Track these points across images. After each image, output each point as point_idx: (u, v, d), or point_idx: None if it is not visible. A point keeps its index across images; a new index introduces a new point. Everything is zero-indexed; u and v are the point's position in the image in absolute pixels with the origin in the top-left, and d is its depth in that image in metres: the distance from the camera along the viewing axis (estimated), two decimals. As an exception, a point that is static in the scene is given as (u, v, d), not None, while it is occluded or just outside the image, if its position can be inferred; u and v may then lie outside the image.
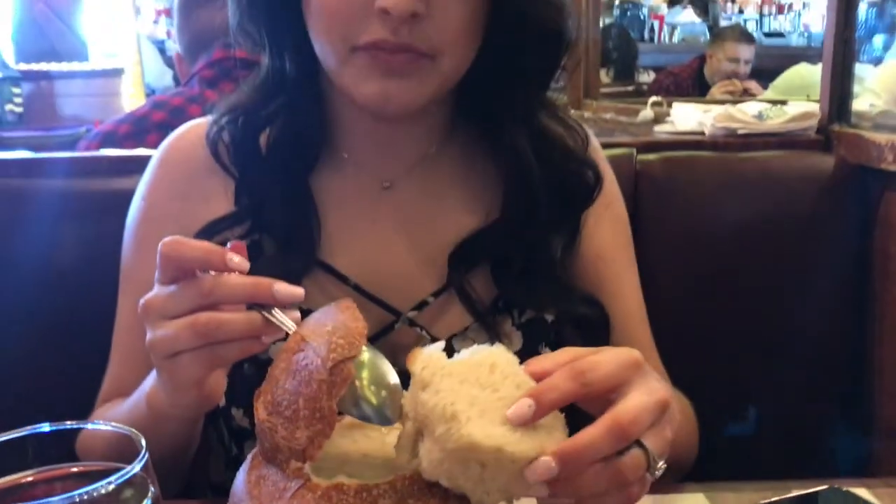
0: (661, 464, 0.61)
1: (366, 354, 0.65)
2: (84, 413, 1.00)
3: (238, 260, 0.67)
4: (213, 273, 0.67)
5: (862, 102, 1.76)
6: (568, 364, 0.61)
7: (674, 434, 0.64)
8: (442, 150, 0.97)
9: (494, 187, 0.96)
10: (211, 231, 0.92)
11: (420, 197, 0.96)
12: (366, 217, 0.95)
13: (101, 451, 0.54)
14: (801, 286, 1.39)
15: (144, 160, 1.04)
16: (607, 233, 1.01)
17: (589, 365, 0.60)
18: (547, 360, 0.63)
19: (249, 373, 0.86)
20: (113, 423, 0.52)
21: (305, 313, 0.69)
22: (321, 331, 0.64)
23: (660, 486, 0.80)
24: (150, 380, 0.79)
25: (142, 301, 0.70)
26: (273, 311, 0.67)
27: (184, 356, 0.68)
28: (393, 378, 0.66)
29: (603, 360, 0.61)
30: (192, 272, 0.68)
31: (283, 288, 0.67)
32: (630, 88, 5.00)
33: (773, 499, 0.79)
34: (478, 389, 0.61)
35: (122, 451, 0.52)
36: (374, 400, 0.65)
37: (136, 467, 0.45)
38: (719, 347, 1.38)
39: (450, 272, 0.93)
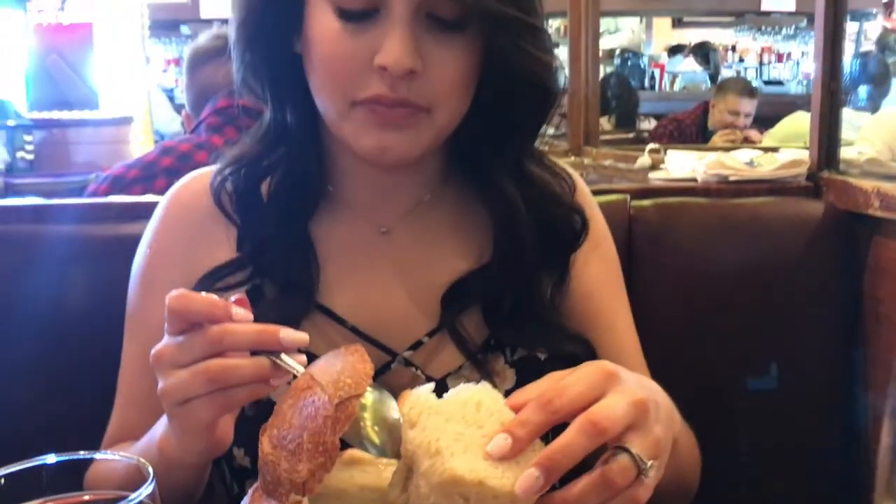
0: (651, 463, 0.64)
1: (371, 395, 0.69)
2: (91, 454, 1.02)
3: (242, 313, 0.71)
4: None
5: (853, 150, 1.80)
6: (538, 395, 0.64)
7: (671, 433, 0.68)
8: (436, 196, 1.01)
9: (486, 232, 0.99)
10: (214, 277, 0.96)
11: (416, 242, 0.99)
12: (363, 261, 0.98)
13: (111, 485, 0.57)
14: (793, 328, 1.41)
15: (151, 206, 1.07)
16: (596, 271, 1.04)
17: (556, 392, 0.64)
18: (527, 390, 0.66)
19: (250, 414, 0.88)
20: (120, 453, 0.55)
21: (310, 357, 0.72)
22: (330, 370, 0.67)
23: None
24: (160, 428, 0.81)
25: (153, 351, 0.73)
26: (281, 356, 0.70)
27: (195, 402, 0.70)
28: (397, 416, 0.69)
29: (571, 382, 0.65)
30: (200, 323, 0.71)
31: (288, 334, 0.70)
32: (631, 135, 5.07)
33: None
34: (463, 426, 0.64)
35: (131, 483, 0.54)
36: (376, 440, 0.68)
37: (145, 492, 0.48)
38: (714, 387, 1.40)
39: (442, 313, 0.96)
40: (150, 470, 0.49)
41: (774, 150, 1.70)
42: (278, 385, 0.71)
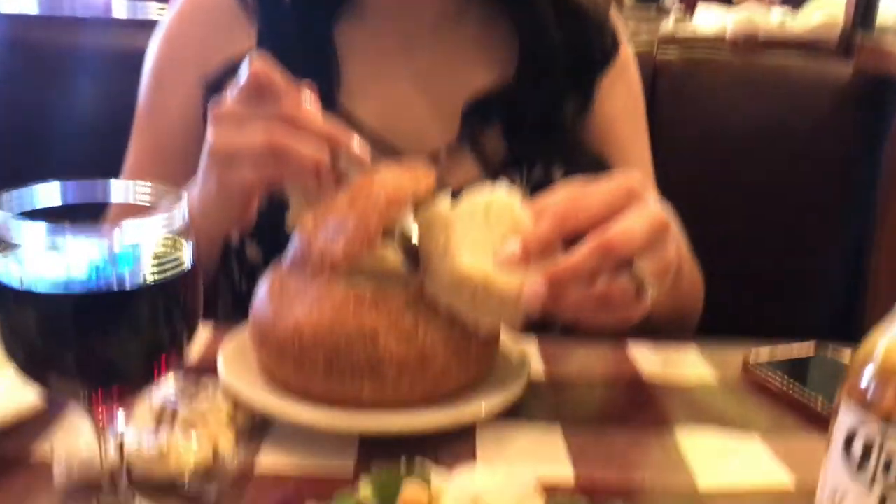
0: (651, 290, 0.63)
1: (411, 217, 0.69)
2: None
3: (312, 98, 0.70)
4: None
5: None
6: (556, 205, 0.63)
7: (679, 258, 0.67)
8: (461, 10, 0.98)
9: (511, 49, 0.97)
10: (232, 70, 0.93)
11: (439, 54, 0.98)
12: (385, 70, 0.97)
13: None
14: (807, 189, 1.41)
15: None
16: (620, 97, 1.03)
17: (573, 207, 0.62)
18: (547, 198, 0.65)
19: (264, 208, 0.88)
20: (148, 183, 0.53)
21: None
22: (393, 175, 0.68)
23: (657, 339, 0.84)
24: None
25: (214, 109, 0.71)
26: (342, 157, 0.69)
27: (245, 162, 0.69)
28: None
29: (592, 195, 0.63)
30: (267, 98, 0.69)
31: (359, 143, 0.69)
32: (652, 13, 4.92)
33: (763, 357, 0.81)
34: (472, 228, 0.65)
35: None
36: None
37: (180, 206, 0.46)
38: (726, 246, 1.40)
39: (462, 125, 0.95)
40: (184, 193, 0.48)
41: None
42: (322, 183, 0.69)
